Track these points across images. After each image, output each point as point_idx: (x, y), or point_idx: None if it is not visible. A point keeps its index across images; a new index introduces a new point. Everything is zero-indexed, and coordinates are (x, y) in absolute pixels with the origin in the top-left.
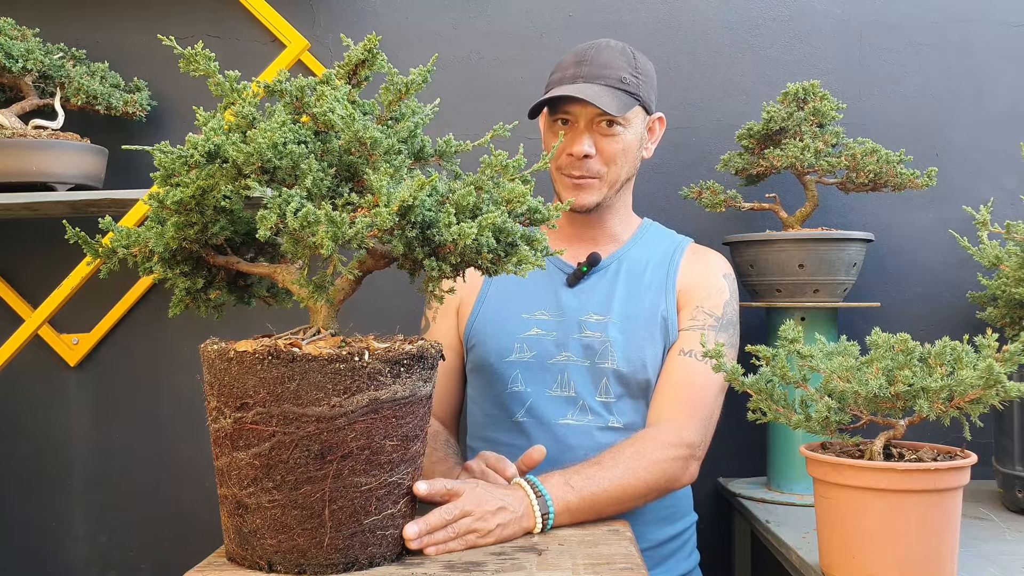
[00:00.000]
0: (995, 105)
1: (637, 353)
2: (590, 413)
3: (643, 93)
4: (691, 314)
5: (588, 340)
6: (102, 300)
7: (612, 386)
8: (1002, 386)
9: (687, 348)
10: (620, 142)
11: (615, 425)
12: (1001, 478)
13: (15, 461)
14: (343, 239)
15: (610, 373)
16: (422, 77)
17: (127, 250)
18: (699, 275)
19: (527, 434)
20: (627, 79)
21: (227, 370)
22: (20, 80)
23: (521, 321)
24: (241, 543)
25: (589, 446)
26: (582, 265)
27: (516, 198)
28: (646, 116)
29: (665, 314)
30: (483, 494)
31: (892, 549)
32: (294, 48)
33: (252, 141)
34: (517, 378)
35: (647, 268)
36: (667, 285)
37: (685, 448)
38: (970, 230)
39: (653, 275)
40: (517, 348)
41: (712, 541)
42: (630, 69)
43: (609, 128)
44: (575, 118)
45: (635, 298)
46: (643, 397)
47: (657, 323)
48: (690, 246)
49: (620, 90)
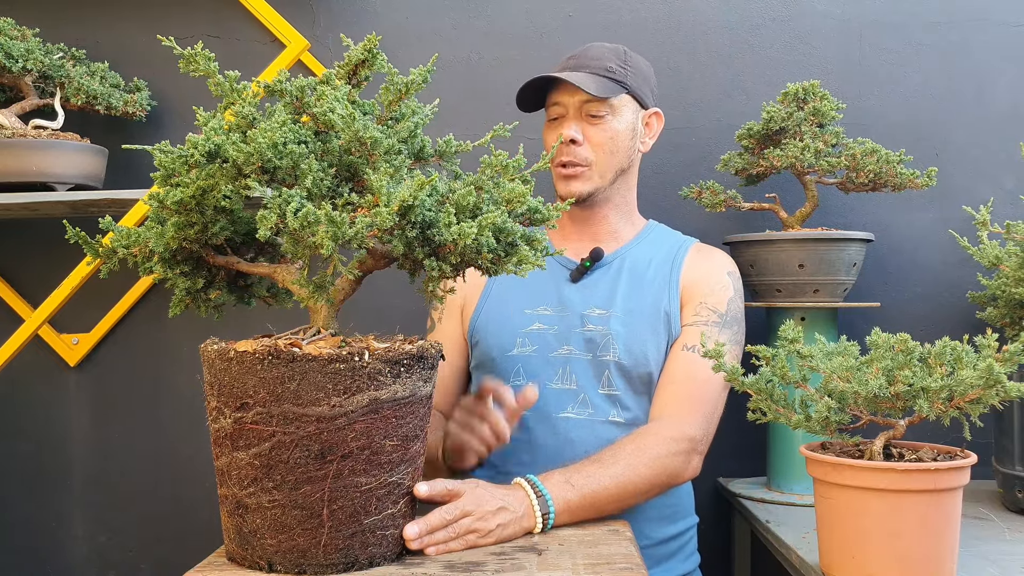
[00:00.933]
0: (995, 105)
1: (639, 346)
2: (591, 407)
3: (632, 83)
4: (695, 310)
5: (590, 334)
6: (102, 300)
7: (615, 379)
8: (1002, 386)
9: (690, 344)
10: (608, 129)
11: (617, 419)
12: (1001, 478)
13: (15, 461)
14: (343, 239)
15: (611, 365)
16: (422, 77)
17: (127, 250)
18: (703, 272)
19: (528, 428)
20: (614, 68)
21: (227, 370)
22: (20, 80)
23: (524, 316)
24: (241, 543)
25: (590, 440)
26: (585, 260)
27: (516, 198)
28: (639, 109)
29: (668, 309)
30: (483, 494)
31: (892, 549)
32: (294, 48)
33: (252, 141)
34: (519, 372)
35: (651, 265)
36: (671, 281)
37: (686, 442)
38: (970, 230)
39: (657, 272)
40: (519, 343)
41: (712, 541)
42: (618, 61)
43: (596, 115)
44: (564, 107)
45: (638, 293)
46: (646, 392)
47: (660, 318)
48: (695, 245)
49: (605, 77)
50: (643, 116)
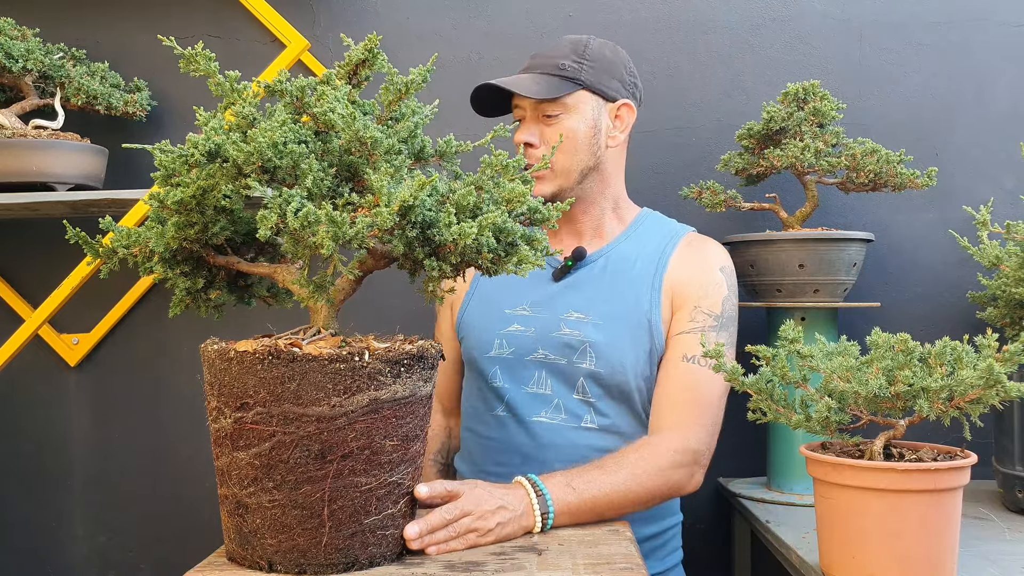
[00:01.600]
0: (995, 105)
1: (617, 355)
2: (564, 412)
3: (588, 78)
4: (690, 315)
5: (567, 338)
6: (102, 300)
7: (589, 386)
8: (1002, 386)
9: (689, 354)
10: (562, 129)
11: (589, 426)
12: (1001, 478)
13: (15, 461)
14: (343, 239)
15: (586, 373)
16: (422, 77)
17: (127, 250)
18: (692, 271)
19: (505, 428)
20: (566, 65)
21: (227, 370)
22: (20, 80)
23: (503, 317)
24: (241, 543)
25: (561, 444)
26: (567, 260)
27: (516, 198)
28: (604, 103)
29: (650, 316)
30: (482, 494)
31: (892, 549)
32: (294, 48)
33: (252, 141)
34: (496, 374)
35: (635, 264)
36: (653, 284)
37: (691, 455)
38: (970, 230)
39: (641, 271)
40: (497, 344)
41: (712, 541)
42: (574, 56)
43: (551, 115)
44: (523, 110)
45: (619, 297)
46: (624, 399)
47: (641, 325)
48: (686, 237)
49: (555, 76)
50: (610, 109)
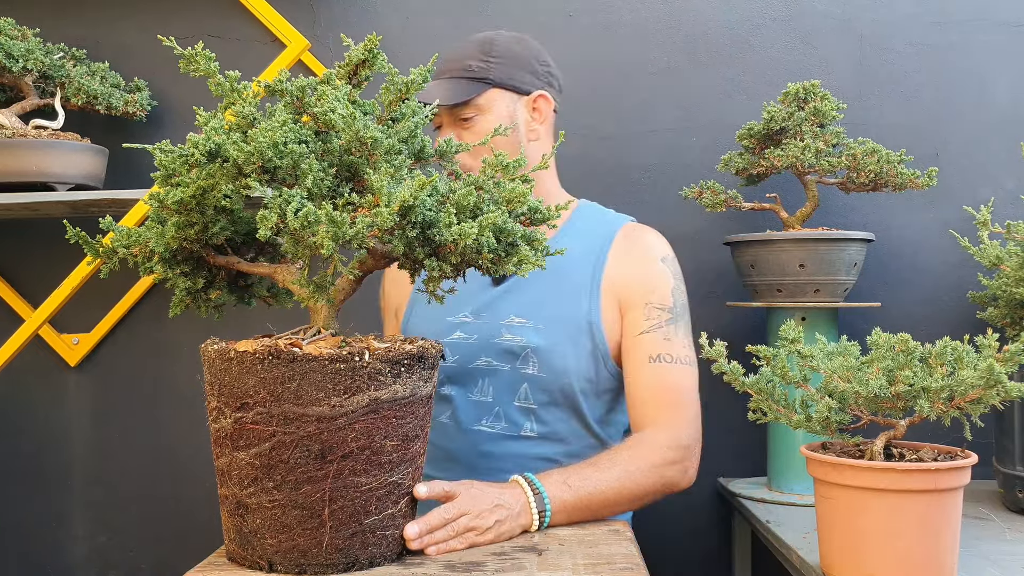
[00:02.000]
0: (995, 105)
1: (559, 359)
2: (504, 420)
3: (497, 75)
4: (644, 314)
5: (508, 344)
6: (102, 300)
7: (533, 393)
8: (1003, 386)
9: (654, 353)
10: (479, 131)
11: (528, 434)
12: (1001, 478)
13: (15, 461)
14: (343, 239)
15: (529, 379)
16: (422, 77)
17: (127, 250)
18: (634, 267)
19: (449, 436)
20: (473, 66)
21: (227, 370)
22: (20, 80)
23: (446, 324)
24: (241, 543)
25: (500, 453)
26: None
27: (516, 198)
28: (519, 97)
29: (590, 318)
30: (478, 493)
31: (892, 549)
32: (294, 48)
33: (253, 141)
34: (443, 382)
35: (574, 263)
36: (592, 286)
37: (682, 451)
38: (970, 230)
39: (580, 272)
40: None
41: (712, 541)
42: (480, 55)
43: (465, 118)
44: (440, 118)
45: (557, 299)
46: (568, 404)
47: (581, 328)
48: (622, 230)
49: (463, 79)
50: (526, 103)
